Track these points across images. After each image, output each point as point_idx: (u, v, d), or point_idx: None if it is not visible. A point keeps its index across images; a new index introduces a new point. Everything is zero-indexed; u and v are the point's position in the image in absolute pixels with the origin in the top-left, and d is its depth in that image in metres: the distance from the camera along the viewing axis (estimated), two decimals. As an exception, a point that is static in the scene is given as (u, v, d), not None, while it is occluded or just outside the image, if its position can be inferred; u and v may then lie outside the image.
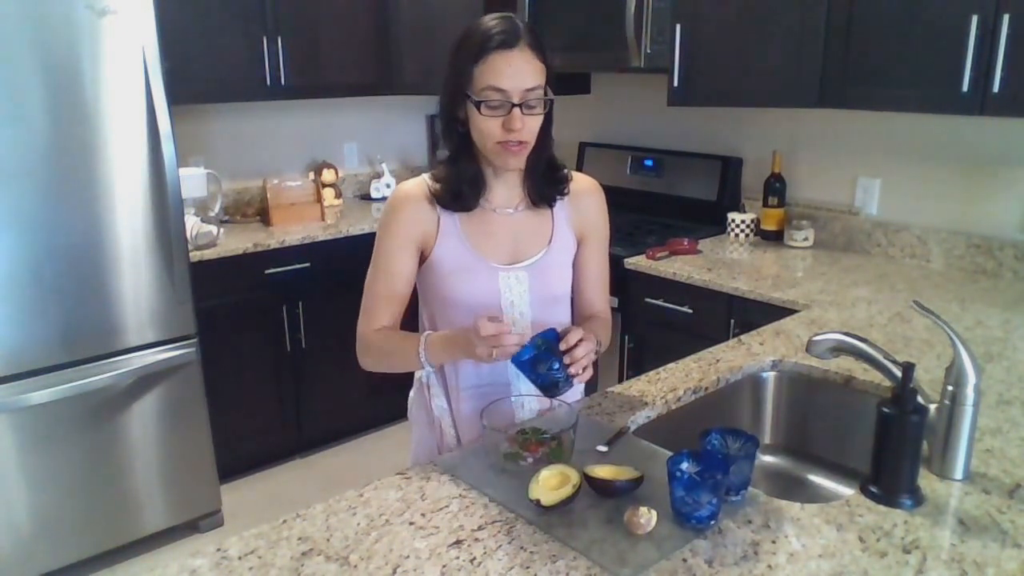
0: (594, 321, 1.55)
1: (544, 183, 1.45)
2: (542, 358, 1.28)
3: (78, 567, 2.53)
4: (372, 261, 1.47)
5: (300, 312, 3.15)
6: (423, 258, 1.44)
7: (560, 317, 1.53)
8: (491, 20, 1.32)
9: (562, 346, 1.29)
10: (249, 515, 2.89)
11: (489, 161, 1.38)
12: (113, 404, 2.51)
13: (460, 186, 1.39)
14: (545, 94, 1.33)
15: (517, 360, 1.28)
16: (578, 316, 1.58)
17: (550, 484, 1.13)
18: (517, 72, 1.28)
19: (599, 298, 1.58)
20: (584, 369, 1.29)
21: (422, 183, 1.43)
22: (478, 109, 1.30)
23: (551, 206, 1.47)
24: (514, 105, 1.28)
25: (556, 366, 1.27)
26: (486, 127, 1.31)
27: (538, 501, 1.09)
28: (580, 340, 1.29)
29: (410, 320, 1.51)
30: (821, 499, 1.44)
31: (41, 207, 2.28)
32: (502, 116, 1.29)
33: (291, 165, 3.71)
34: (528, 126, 1.31)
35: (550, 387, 1.30)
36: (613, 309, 2.73)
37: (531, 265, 1.45)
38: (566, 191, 1.48)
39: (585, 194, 1.52)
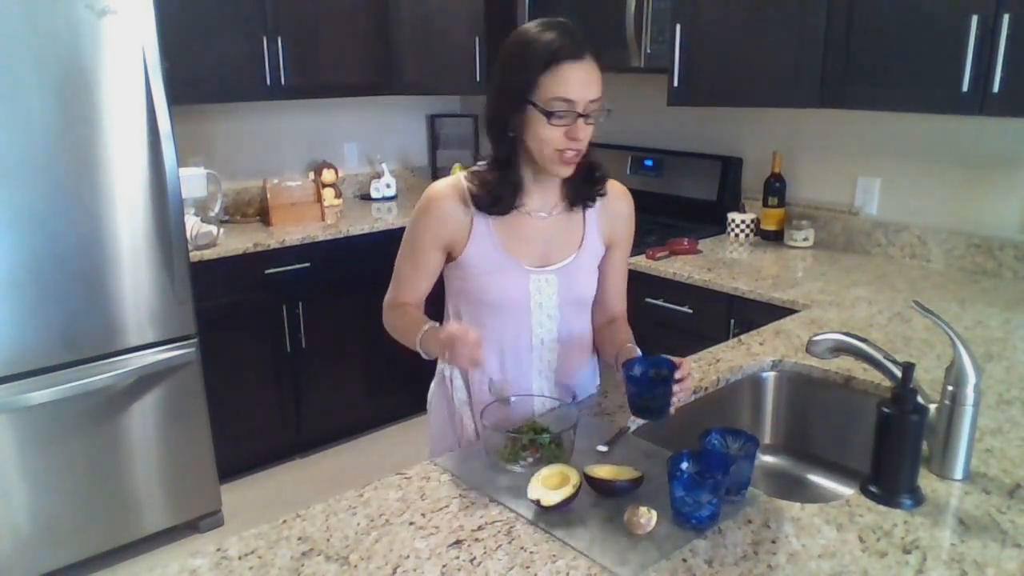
0: (624, 329, 1.58)
1: (583, 184, 1.46)
2: (654, 381, 1.28)
3: (78, 567, 2.53)
4: (403, 244, 1.50)
5: (300, 312, 3.15)
6: (451, 256, 1.46)
7: (584, 320, 1.57)
8: (552, 28, 1.31)
9: (677, 375, 1.27)
10: (249, 515, 2.89)
11: (534, 167, 1.40)
12: (113, 404, 2.51)
13: (502, 191, 1.40)
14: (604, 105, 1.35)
15: (629, 372, 1.29)
16: (599, 317, 1.60)
17: (550, 484, 1.13)
18: (585, 83, 1.29)
19: (620, 300, 1.62)
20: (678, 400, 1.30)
21: (458, 183, 1.44)
22: (547, 118, 1.30)
23: (586, 208, 1.49)
24: (579, 115, 1.30)
25: (659, 391, 1.26)
26: (549, 135, 1.31)
27: (538, 501, 1.09)
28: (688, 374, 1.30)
29: (434, 306, 1.54)
30: (821, 499, 1.44)
31: (41, 207, 2.28)
32: (567, 125, 1.30)
33: (291, 165, 3.71)
34: (588, 136, 1.34)
35: (646, 410, 1.28)
36: (613, 309, 2.74)
37: (561, 268, 1.47)
38: (602, 192, 1.49)
39: (616, 201, 1.54)
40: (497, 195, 1.40)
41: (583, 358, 1.58)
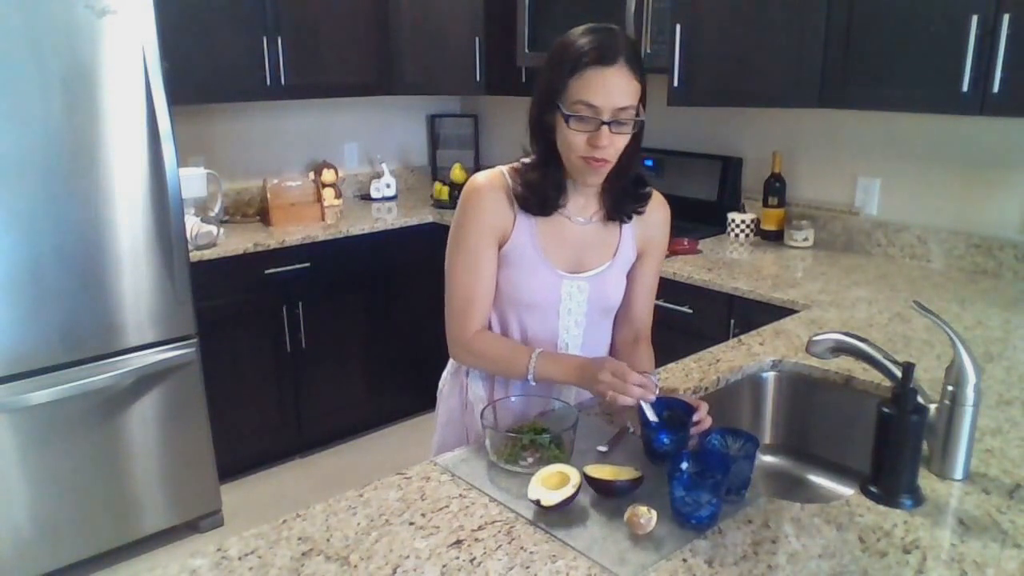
0: (648, 356, 1.56)
1: (626, 198, 1.44)
2: (669, 426, 1.24)
3: (78, 567, 2.53)
4: (454, 258, 1.43)
5: (300, 312, 3.15)
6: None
7: (608, 327, 1.56)
8: (592, 33, 1.30)
9: (695, 417, 1.25)
10: (249, 515, 2.89)
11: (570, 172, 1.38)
12: (113, 404, 2.51)
13: (547, 191, 1.38)
14: (637, 115, 1.31)
15: (645, 416, 1.25)
16: (624, 330, 1.58)
17: (550, 484, 1.13)
18: (611, 90, 1.26)
19: (647, 313, 1.60)
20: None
21: (500, 176, 1.41)
22: (567, 122, 1.29)
23: (626, 221, 1.47)
24: (603, 123, 1.27)
25: (675, 438, 1.22)
26: (572, 140, 1.30)
27: (538, 501, 1.09)
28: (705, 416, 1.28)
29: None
30: (821, 499, 1.44)
31: (41, 207, 2.28)
32: (590, 131, 1.28)
33: (291, 165, 3.71)
34: (614, 144, 1.30)
35: (660, 455, 1.23)
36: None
37: (594, 276, 1.46)
38: (643, 210, 1.47)
39: (653, 210, 1.51)
40: (543, 196, 1.38)
41: None
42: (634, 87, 1.29)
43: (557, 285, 1.44)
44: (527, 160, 1.42)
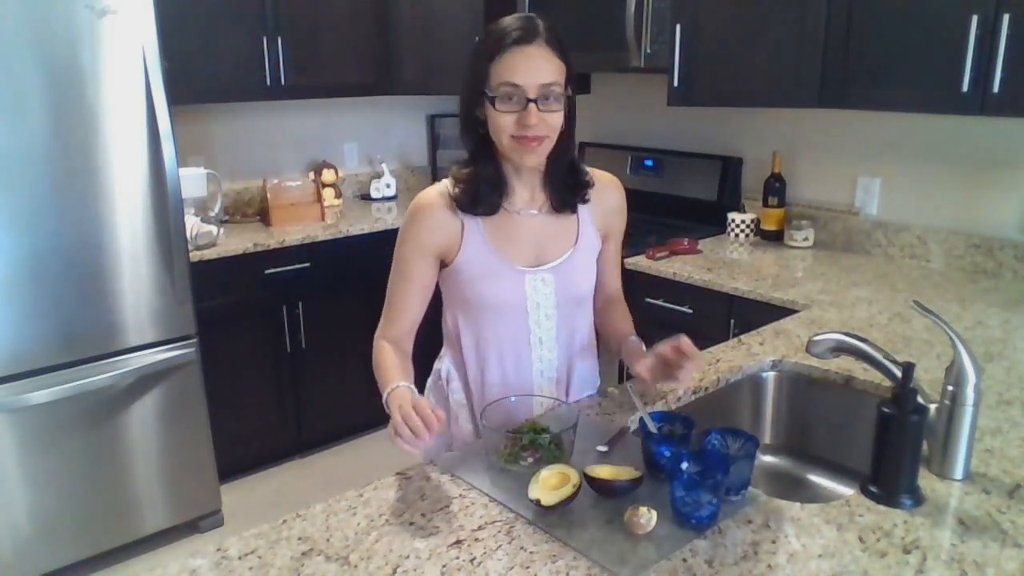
0: (624, 315, 1.58)
1: (565, 188, 1.44)
2: (669, 440, 1.23)
3: (78, 567, 2.53)
4: (392, 267, 1.47)
5: (300, 312, 3.15)
6: (445, 264, 1.43)
7: (583, 319, 1.55)
8: (510, 18, 1.32)
9: (685, 348, 1.30)
10: (249, 515, 2.89)
11: (509, 161, 1.38)
12: (113, 404, 2.51)
13: (479, 187, 1.38)
14: (566, 91, 1.32)
15: (646, 428, 1.25)
16: (596, 298, 1.59)
17: (550, 484, 1.13)
18: (533, 67, 1.27)
19: (615, 280, 1.62)
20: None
21: (443, 189, 1.42)
22: (493, 105, 1.29)
23: (573, 211, 1.46)
24: (530, 100, 1.27)
25: (666, 452, 1.20)
26: (501, 122, 1.30)
27: (538, 501, 1.09)
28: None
29: (432, 321, 1.53)
30: (821, 499, 1.44)
31: (41, 207, 2.28)
32: (517, 111, 1.29)
33: (291, 165, 3.71)
34: (545, 121, 1.30)
35: (659, 467, 1.21)
36: (613, 309, 2.74)
37: (557, 266, 1.45)
38: (587, 198, 1.47)
39: (608, 193, 1.51)
40: (475, 192, 1.38)
41: (584, 356, 1.57)
42: (557, 64, 1.30)
43: (520, 281, 1.42)
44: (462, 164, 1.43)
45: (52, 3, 2.20)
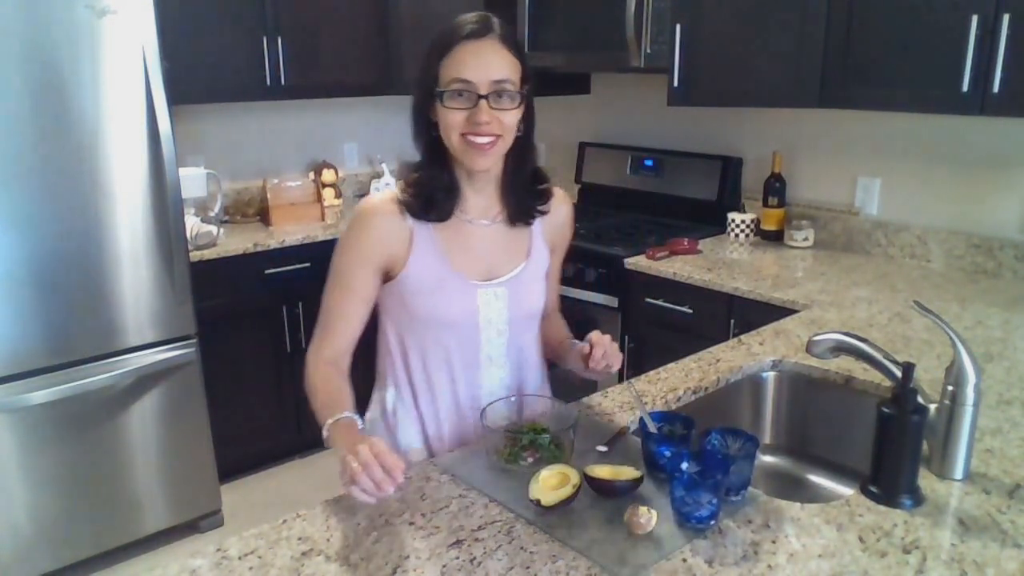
0: (560, 322, 1.55)
1: (528, 196, 1.38)
2: (668, 440, 1.22)
3: (78, 567, 2.53)
4: (329, 279, 1.38)
5: (300, 312, 3.14)
6: (390, 276, 1.35)
7: (531, 335, 1.48)
8: (463, 16, 1.27)
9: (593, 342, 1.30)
10: (249, 515, 2.89)
11: (461, 165, 1.31)
12: (113, 404, 2.51)
13: (433, 192, 1.31)
14: (521, 91, 1.26)
15: (646, 428, 1.24)
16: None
17: (550, 484, 1.13)
18: (484, 62, 1.22)
19: (555, 296, 1.55)
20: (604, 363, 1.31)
21: (392, 196, 1.35)
22: (443, 102, 1.23)
23: (529, 223, 1.40)
24: (480, 97, 1.22)
25: (667, 452, 1.19)
26: (451, 120, 1.24)
27: (538, 501, 1.09)
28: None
29: (369, 336, 1.45)
30: (821, 499, 1.44)
31: (41, 207, 2.27)
32: (467, 108, 1.23)
33: (291, 165, 3.71)
34: (499, 120, 1.23)
35: (659, 467, 1.21)
36: (613, 308, 2.75)
37: (510, 280, 1.38)
38: (546, 210, 1.41)
39: (557, 207, 1.45)
40: (428, 197, 1.31)
41: (533, 374, 1.50)
42: (510, 61, 1.24)
43: (472, 295, 1.34)
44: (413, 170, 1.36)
45: (52, 3, 2.20)
